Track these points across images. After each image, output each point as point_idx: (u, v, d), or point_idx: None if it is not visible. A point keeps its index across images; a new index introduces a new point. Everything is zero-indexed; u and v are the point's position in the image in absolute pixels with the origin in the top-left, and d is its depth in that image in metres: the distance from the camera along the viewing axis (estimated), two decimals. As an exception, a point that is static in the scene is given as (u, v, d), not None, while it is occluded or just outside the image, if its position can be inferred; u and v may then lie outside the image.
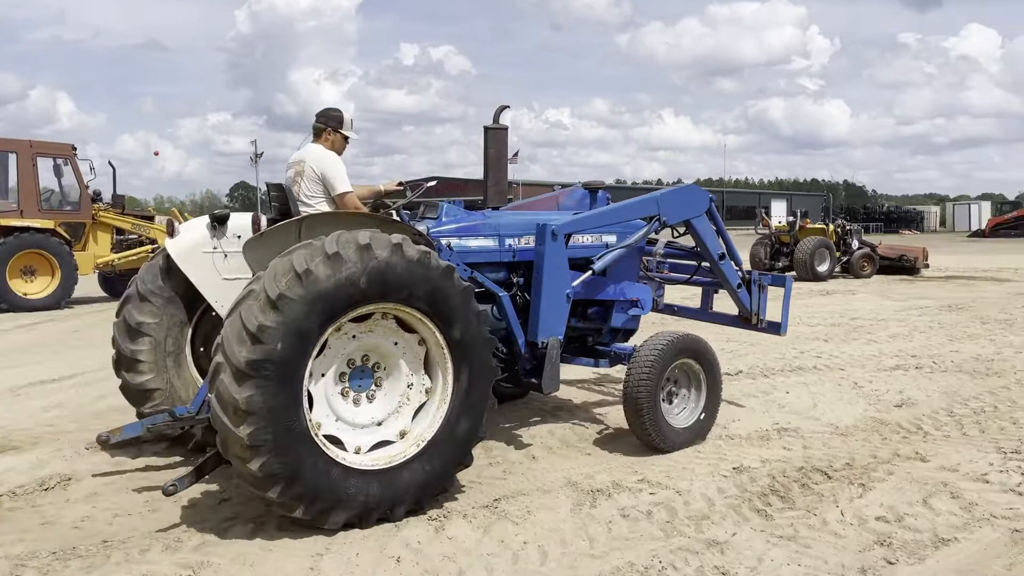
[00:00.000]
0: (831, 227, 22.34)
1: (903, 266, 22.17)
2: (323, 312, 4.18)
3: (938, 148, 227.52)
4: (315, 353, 4.27)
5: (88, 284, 17.16)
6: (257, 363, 4.00)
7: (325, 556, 4.16)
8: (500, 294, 5.55)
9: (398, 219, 5.33)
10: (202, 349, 6.04)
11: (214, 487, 5.19)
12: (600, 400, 7.50)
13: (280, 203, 5.61)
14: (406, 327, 4.68)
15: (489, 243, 5.81)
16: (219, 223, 5.61)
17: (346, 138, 5.69)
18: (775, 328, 6.97)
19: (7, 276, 14.75)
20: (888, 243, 24.35)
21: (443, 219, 5.79)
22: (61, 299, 15.36)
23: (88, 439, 6.28)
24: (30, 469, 5.59)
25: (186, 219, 17.40)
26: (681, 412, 6.04)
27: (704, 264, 6.89)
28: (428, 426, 4.68)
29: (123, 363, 5.72)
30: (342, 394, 4.60)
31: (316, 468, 4.23)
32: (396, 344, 4.70)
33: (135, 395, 5.72)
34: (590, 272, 5.83)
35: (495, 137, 6.26)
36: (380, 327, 4.63)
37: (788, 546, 4.25)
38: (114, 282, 17.19)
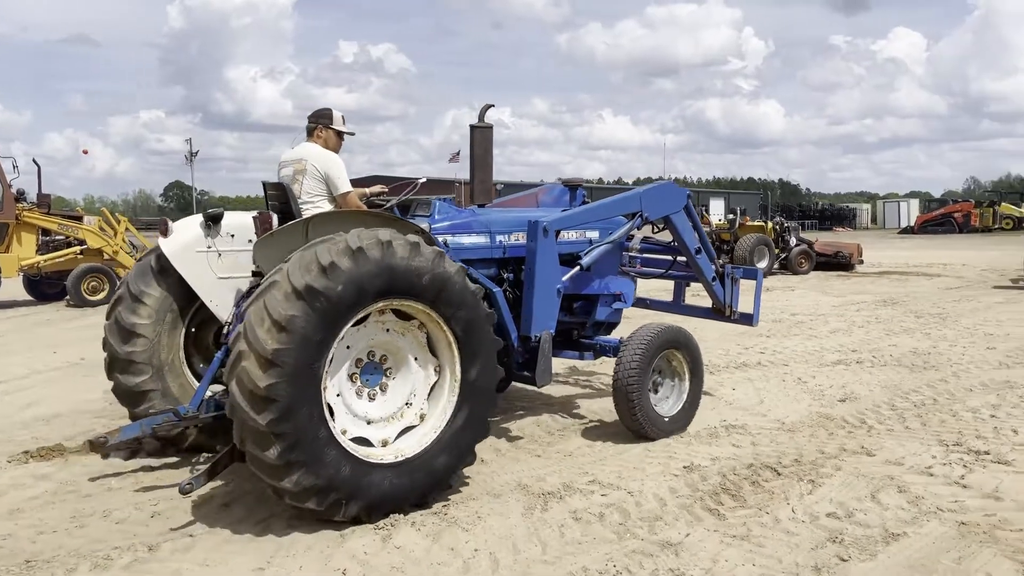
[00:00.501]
0: (770, 225, 22.74)
1: (839, 262, 22.68)
2: (347, 304, 4.27)
3: (868, 147, 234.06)
4: (334, 346, 4.32)
5: (12, 287, 16.44)
6: (282, 351, 4.06)
7: (267, 570, 3.97)
8: (493, 290, 5.51)
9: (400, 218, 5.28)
10: (194, 351, 5.95)
11: (149, 499, 4.94)
12: (550, 400, 7.41)
13: (280, 202, 5.51)
14: (403, 316, 4.76)
15: (481, 240, 5.90)
16: (213, 222, 5.60)
17: (340, 134, 5.71)
18: (747, 319, 7.28)
19: (-76, 279, 14.02)
20: (824, 240, 24.89)
21: (436, 216, 5.80)
22: (-17, 303, 14.65)
23: (12, 451, 5.95)
24: (-54, 485, 5.25)
25: (118, 220, 16.89)
26: (666, 401, 6.23)
27: (680, 258, 7.14)
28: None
29: (116, 365, 5.60)
30: (357, 393, 4.69)
31: (335, 460, 4.28)
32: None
33: (129, 397, 5.61)
34: (578, 267, 6.00)
35: (481, 135, 6.28)
36: (379, 322, 4.70)
37: (742, 546, 4.20)
38: (40, 285, 16.52)
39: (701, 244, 6.91)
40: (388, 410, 4.78)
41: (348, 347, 4.58)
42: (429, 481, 4.66)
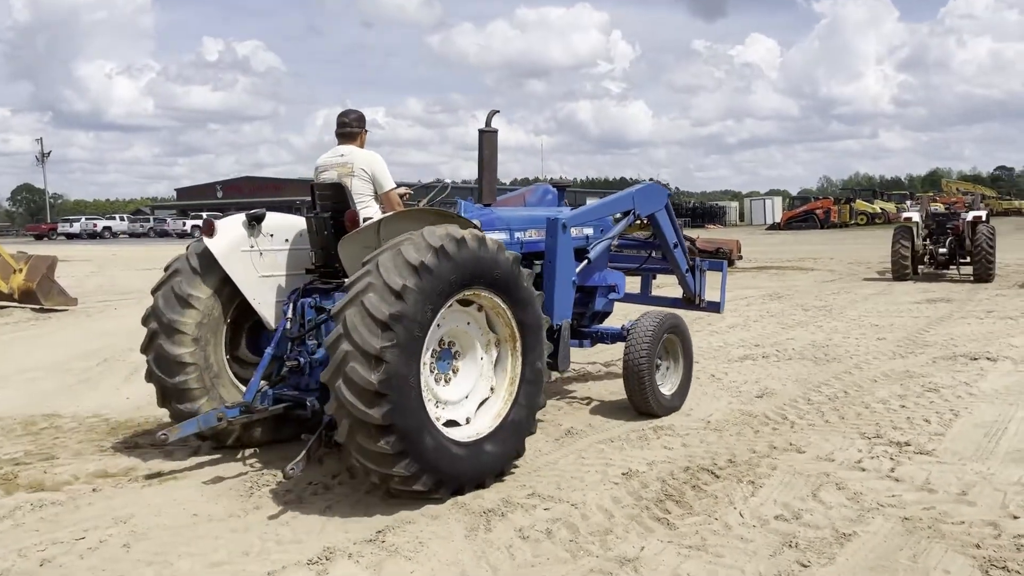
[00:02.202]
0: (655, 222, 23.18)
1: (720, 258, 23.35)
2: (436, 299, 4.61)
3: (729, 148, 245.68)
4: (428, 337, 4.65)
5: None
6: (388, 349, 4.33)
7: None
8: None
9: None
10: (230, 357, 5.97)
11: (35, 544, 4.32)
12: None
13: (333, 202, 5.64)
14: (463, 303, 5.09)
15: (503, 236, 6.11)
16: (256, 222, 5.76)
17: (367, 131, 5.97)
18: (715, 307, 8.04)
19: None
20: (704, 237, 25.63)
21: (462, 214, 5.79)
22: None
23: None
24: None
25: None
26: (666, 381, 6.72)
27: (654, 253, 7.73)
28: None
29: (165, 367, 5.61)
30: (435, 380, 5.02)
31: (434, 445, 4.61)
32: (466, 317, 5.19)
33: (175, 394, 5.62)
34: (586, 261, 6.50)
35: (488, 140, 6.53)
36: (450, 310, 4.98)
37: (700, 557, 4.05)
38: None
39: (677, 239, 7.43)
40: (463, 390, 5.16)
41: (439, 325, 4.86)
42: (491, 462, 5.02)
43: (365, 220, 5.42)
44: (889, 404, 6.90)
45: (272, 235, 5.86)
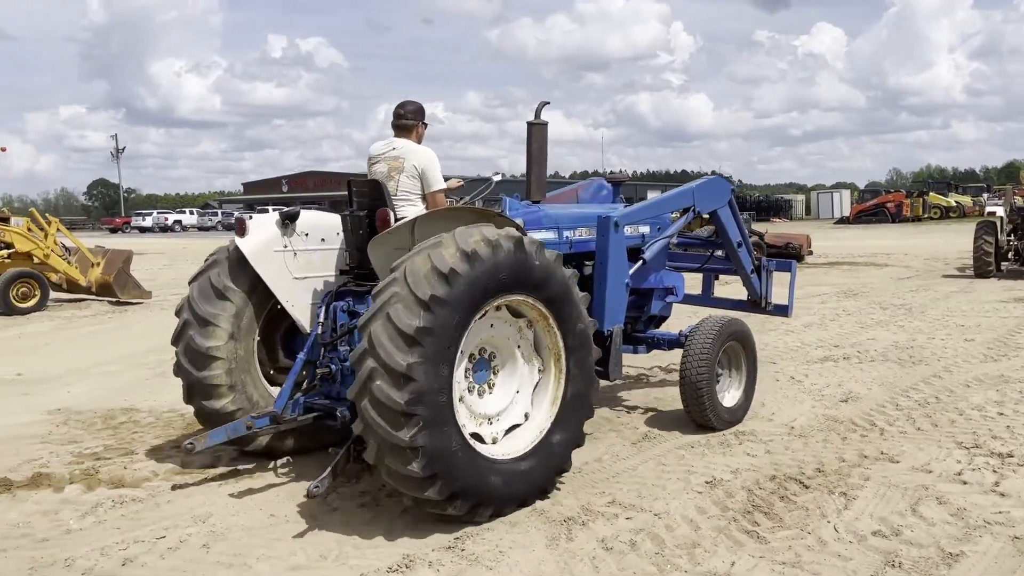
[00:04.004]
0: (722, 217, 22.67)
1: (789, 253, 22.72)
2: (468, 308, 4.29)
3: (794, 140, 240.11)
4: (460, 350, 4.33)
5: (-68, 295, 15.19)
6: (415, 365, 4.05)
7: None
8: None
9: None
10: (264, 352, 5.76)
11: (116, 543, 4.33)
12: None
13: (371, 199, 5.33)
14: (515, 313, 4.82)
15: (550, 235, 5.79)
16: (289, 220, 5.48)
17: (426, 125, 5.63)
18: (782, 310, 7.42)
19: None
20: (774, 231, 25.01)
21: (508, 213, 5.56)
22: (-100, 313, 13.50)
23: (-52, 488, 5.23)
24: None
25: (48, 222, 15.80)
26: (726, 393, 6.26)
27: (718, 252, 7.19)
28: (548, 406, 4.86)
29: (193, 359, 5.36)
30: (469, 390, 4.70)
31: (468, 465, 4.30)
32: (511, 328, 4.87)
33: (200, 390, 5.38)
34: (641, 261, 6.06)
35: (537, 132, 6.09)
36: (495, 317, 4.74)
37: (796, 575, 3.84)
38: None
39: (742, 237, 6.92)
40: (497, 407, 4.83)
41: (476, 333, 4.62)
42: (534, 480, 4.68)
43: (400, 220, 5.11)
44: (986, 411, 6.52)
45: (307, 234, 5.55)
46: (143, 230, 65.90)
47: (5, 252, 14.78)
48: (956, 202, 54.35)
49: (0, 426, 6.79)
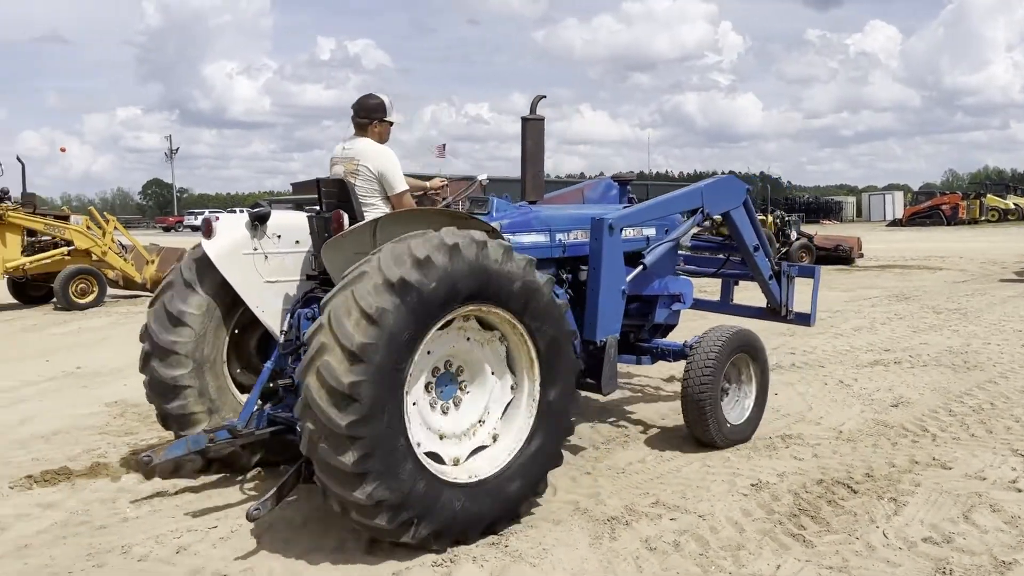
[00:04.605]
0: (770, 218, 22.40)
1: (840, 256, 22.38)
2: (439, 302, 3.98)
3: (844, 140, 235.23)
4: (420, 348, 4.01)
5: (-4, 290, 15.80)
6: (370, 346, 3.74)
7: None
8: (558, 292, 5.08)
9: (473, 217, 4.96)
10: (236, 361, 5.48)
11: (171, 531, 4.46)
12: (589, 409, 6.97)
13: (338, 200, 5.03)
14: (485, 325, 4.47)
15: (541, 239, 5.51)
16: (259, 222, 5.19)
17: (391, 123, 5.25)
18: (804, 319, 6.94)
19: (-97, 284, 13.37)
20: (823, 233, 24.62)
21: (495, 215, 5.40)
22: (-34, 308, 14.01)
23: (11, 475, 5.44)
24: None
25: (106, 220, 16.26)
26: (733, 408, 5.87)
27: (733, 256, 6.76)
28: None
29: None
30: (431, 404, 4.38)
31: (424, 489, 3.97)
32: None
33: (161, 388, 5.15)
34: (641, 267, 5.65)
35: (532, 128, 5.82)
36: (462, 328, 4.40)
37: (843, 579, 3.80)
38: (25, 288, 15.85)
39: (759, 241, 6.52)
40: (461, 426, 4.46)
41: (429, 352, 4.24)
42: (500, 508, 4.31)
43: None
44: (1043, 418, 6.35)
45: (279, 236, 5.22)
46: (195, 229, 67.22)
47: (65, 249, 15.24)
48: (1015, 204, 52.76)
49: (61, 417, 7.02)
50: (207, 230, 5.15)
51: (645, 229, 6.14)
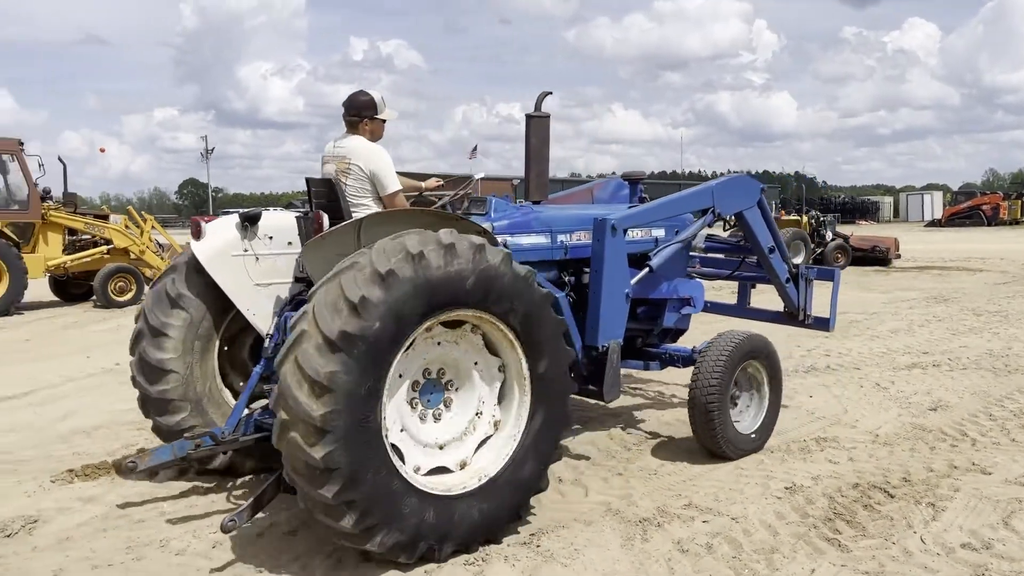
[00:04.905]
0: (805, 219, 22.15)
1: (876, 257, 22.06)
2: (425, 301, 3.81)
3: (881, 140, 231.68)
4: (406, 346, 3.85)
5: (38, 288, 16.12)
6: (351, 337, 3.58)
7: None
8: (557, 295, 4.98)
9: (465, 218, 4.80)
10: (228, 365, 5.40)
11: (207, 525, 4.53)
12: (616, 410, 6.96)
13: (327, 200, 4.96)
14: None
15: (541, 240, 5.36)
16: (250, 223, 5.03)
17: (383, 120, 5.13)
18: (823, 324, 6.64)
19: (-50, 281, 13.69)
20: (860, 234, 24.28)
21: (492, 215, 5.28)
22: (10, 305, 14.30)
23: (53, 468, 5.56)
24: (-12, 510, 4.86)
25: (144, 219, 16.55)
26: (744, 417, 5.67)
27: (749, 258, 6.53)
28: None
29: (146, 372, 5.06)
30: (420, 418, 4.22)
31: (379, 475, 3.75)
32: (476, 364, 4.35)
33: (155, 404, 5.07)
34: (647, 269, 5.46)
35: (537, 126, 5.64)
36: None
37: (879, 585, 3.75)
38: (66, 286, 16.19)
39: (775, 242, 6.28)
40: (459, 426, 4.33)
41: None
42: (520, 494, 4.30)
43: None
44: (1087, 424, 6.21)
45: (271, 237, 5.06)
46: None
47: (104, 248, 15.53)
48: (1058, 205, 51.65)
49: (101, 412, 7.16)
50: (196, 232, 5.06)
51: (654, 230, 5.98)
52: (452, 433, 4.29)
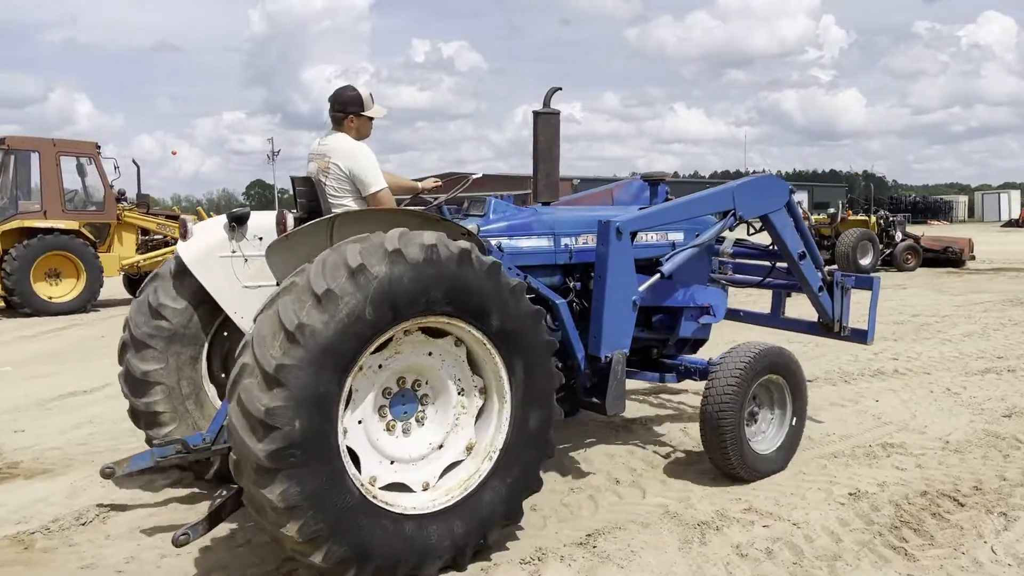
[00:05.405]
0: (873, 218, 21.57)
1: (949, 258, 21.38)
2: (376, 317, 3.48)
3: (955, 137, 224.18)
4: (356, 369, 3.56)
5: (113, 286, 16.71)
6: (290, 368, 3.30)
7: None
8: (556, 301, 4.85)
9: (443, 216, 4.67)
10: (223, 375, 5.28)
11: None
12: (678, 411, 6.89)
13: (309, 199, 4.74)
14: (434, 333, 3.95)
15: (543, 243, 5.14)
16: (238, 223, 4.90)
17: (370, 117, 4.91)
18: (860, 336, 6.15)
19: (31, 279, 14.31)
20: (931, 234, 23.54)
21: (491, 216, 5.08)
22: (87, 302, 14.91)
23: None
24: (64, 499, 5.07)
25: (210, 218, 17.03)
26: (763, 436, 5.28)
27: (780, 265, 6.08)
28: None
29: (132, 385, 4.98)
30: (388, 428, 3.90)
31: (367, 524, 3.56)
32: (458, 381, 4.06)
33: (144, 416, 5.01)
34: (658, 275, 5.11)
35: (546, 123, 5.41)
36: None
37: (947, 595, 3.64)
38: (139, 284, 16.72)
39: (806, 248, 5.79)
40: (428, 445, 4.00)
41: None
42: (484, 525, 3.92)
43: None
44: None
45: (261, 238, 4.87)
46: (296, 228, 69.52)
47: (175, 247, 16.01)
48: None
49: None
50: (183, 232, 4.96)
51: (671, 234, 5.66)
52: (420, 450, 3.98)
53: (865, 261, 19.89)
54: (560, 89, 5.53)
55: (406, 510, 3.74)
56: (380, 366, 3.82)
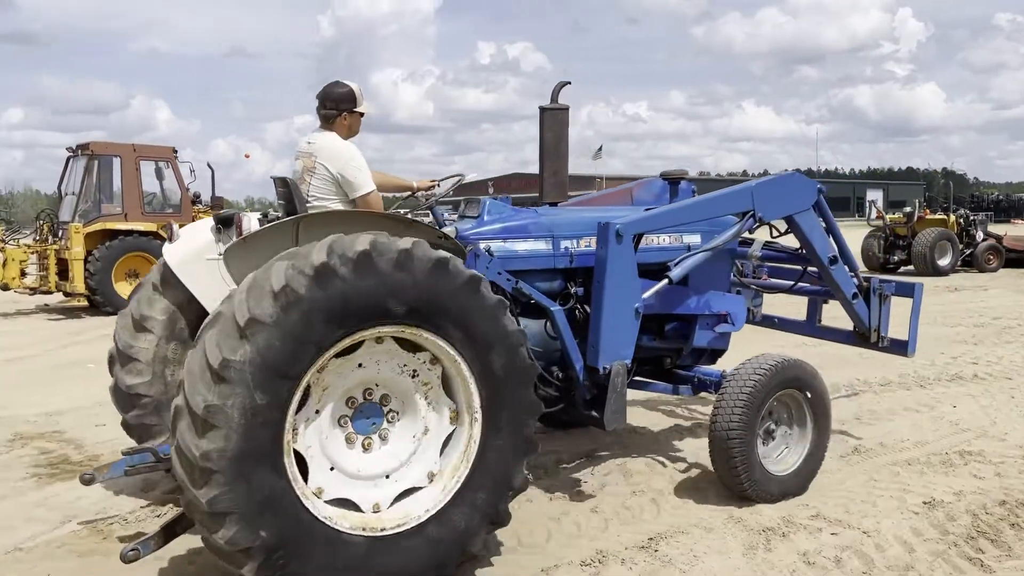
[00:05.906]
0: (952, 218, 20.81)
1: (1031, 259, 20.47)
2: (307, 342, 3.27)
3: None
4: (298, 397, 3.34)
5: (189, 286, 17.22)
6: (219, 409, 3.11)
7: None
8: (552, 308, 4.66)
9: (421, 219, 4.50)
10: None
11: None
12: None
13: (287, 200, 4.50)
14: (411, 346, 3.70)
15: (540, 246, 4.88)
16: (224, 225, 4.67)
17: (361, 113, 4.77)
18: (901, 348, 5.71)
19: (112, 279, 14.88)
20: (1014, 234, 22.60)
21: (485, 218, 4.88)
22: (164, 302, 15.41)
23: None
24: (140, 492, 5.22)
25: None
26: (780, 455, 4.92)
27: (811, 269, 5.64)
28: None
29: (120, 400, 4.91)
30: (347, 440, 3.64)
31: (307, 537, 3.35)
32: (427, 401, 3.77)
33: (135, 430, 4.91)
34: (665, 281, 4.81)
35: (553, 119, 5.20)
36: (380, 352, 3.65)
37: (1027, 611, 3.49)
38: (214, 284, 17.23)
39: (838, 252, 5.43)
40: (388, 464, 3.71)
41: (330, 390, 3.57)
42: (434, 560, 3.60)
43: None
44: None
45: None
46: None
47: (248, 249, 16.45)
48: None
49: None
50: (169, 235, 4.85)
51: (686, 236, 5.32)
52: (377, 469, 3.69)
53: (944, 262, 19.22)
54: (569, 83, 5.36)
55: (356, 529, 3.49)
56: (340, 374, 3.57)
